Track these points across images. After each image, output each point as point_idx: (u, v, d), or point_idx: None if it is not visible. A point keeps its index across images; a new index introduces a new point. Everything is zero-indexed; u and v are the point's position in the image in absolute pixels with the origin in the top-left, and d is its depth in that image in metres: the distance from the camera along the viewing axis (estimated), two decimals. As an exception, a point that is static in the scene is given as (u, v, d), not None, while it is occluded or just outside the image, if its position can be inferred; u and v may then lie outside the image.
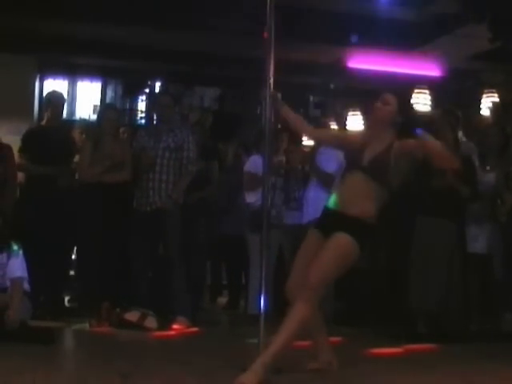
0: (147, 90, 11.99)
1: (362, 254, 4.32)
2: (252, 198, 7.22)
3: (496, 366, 4.87)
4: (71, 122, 10.06)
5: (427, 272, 6.19)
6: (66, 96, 9.46)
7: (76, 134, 7.98)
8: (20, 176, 7.16)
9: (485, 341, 6.01)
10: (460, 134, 7.20)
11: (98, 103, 11.74)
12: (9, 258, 5.64)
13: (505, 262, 6.35)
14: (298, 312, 4.13)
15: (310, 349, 4.60)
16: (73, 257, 7.54)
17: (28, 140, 7.09)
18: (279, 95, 4.70)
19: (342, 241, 4.23)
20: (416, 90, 9.22)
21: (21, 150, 7.03)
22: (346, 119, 9.93)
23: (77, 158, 7.25)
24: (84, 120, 10.58)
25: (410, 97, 4.72)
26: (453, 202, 6.22)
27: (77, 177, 7.17)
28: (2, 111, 9.10)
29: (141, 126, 11.40)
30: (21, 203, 6.92)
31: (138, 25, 8.98)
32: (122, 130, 8.15)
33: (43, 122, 7.46)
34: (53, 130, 7.13)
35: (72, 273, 7.52)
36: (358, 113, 9.82)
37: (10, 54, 9.54)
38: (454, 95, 9.62)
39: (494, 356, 5.31)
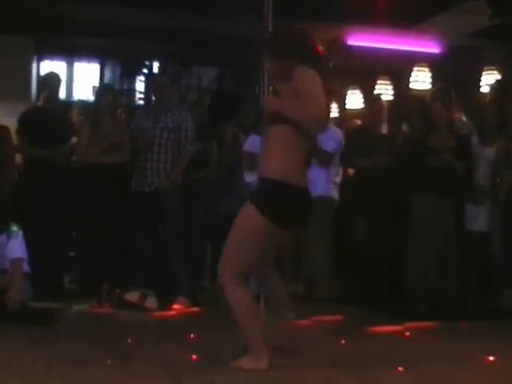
0: (145, 71, 11.93)
1: (287, 217, 3.80)
2: (251, 177, 7.20)
3: (495, 343, 4.87)
4: (69, 104, 10.03)
5: (425, 250, 6.20)
6: (63, 77, 9.42)
7: (74, 115, 7.95)
8: (18, 157, 7.15)
9: (484, 318, 6.02)
10: (459, 113, 7.19)
11: (97, 84, 11.65)
12: (8, 239, 5.63)
13: (504, 239, 6.35)
14: (230, 299, 3.95)
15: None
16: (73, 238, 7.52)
17: (24, 121, 7.07)
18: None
19: (245, 214, 3.90)
20: (415, 68, 9.19)
21: (17, 132, 7.01)
22: (345, 97, 9.89)
23: (75, 139, 7.23)
24: (82, 101, 10.53)
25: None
26: (450, 179, 6.22)
27: (75, 158, 7.15)
28: (-1, 93, 9.09)
29: (139, 106, 11.34)
30: (19, 184, 6.91)
31: (136, 5, 8.94)
32: (119, 110, 8.12)
33: (39, 104, 7.43)
34: (49, 111, 7.11)
35: (72, 254, 7.51)
36: (357, 91, 9.79)
37: (7, 36, 9.50)
38: (454, 73, 9.58)
39: (493, 333, 5.32)
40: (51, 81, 7.26)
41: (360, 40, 9.78)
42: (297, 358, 4.22)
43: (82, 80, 11.99)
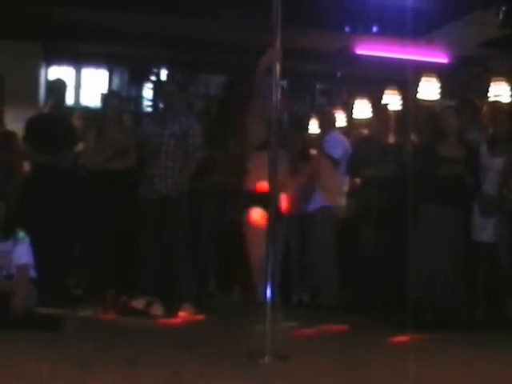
0: (153, 78, 11.95)
1: None
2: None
3: (501, 354, 4.86)
4: (74, 110, 10.05)
5: (433, 259, 6.18)
6: (71, 83, 9.43)
7: (76, 122, 7.94)
8: (25, 164, 7.16)
9: (490, 329, 6.00)
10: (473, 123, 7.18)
11: (105, 91, 11.67)
12: (14, 245, 5.64)
13: (511, 250, 6.33)
14: None
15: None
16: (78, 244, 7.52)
17: (30, 128, 7.07)
18: None
19: None
20: (423, 78, 9.18)
21: (23, 138, 7.02)
22: (352, 107, 9.89)
23: (81, 146, 7.23)
24: (85, 107, 10.55)
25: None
26: (458, 189, 6.21)
27: (81, 163, 7.16)
28: (8, 98, 9.09)
29: (146, 113, 11.37)
30: (26, 190, 6.92)
31: (145, 11, 8.95)
32: (126, 117, 8.12)
33: (45, 110, 7.45)
34: (55, 118, 7.11)
35: (77, 260, 7.51)
36: (365, 100, 9.78)
37: (16, 41, 9.54)
38: (462, 83, 9.57)
39: (498, 343, 5.30)
40: (57, 87, 7.28)
41: (368, 49, 9.77)
42: (302, 366, 4.21)
43: (90, 86, 12.01)
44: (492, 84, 8.80)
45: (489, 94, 8.77)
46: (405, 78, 9.35)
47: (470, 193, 6.38)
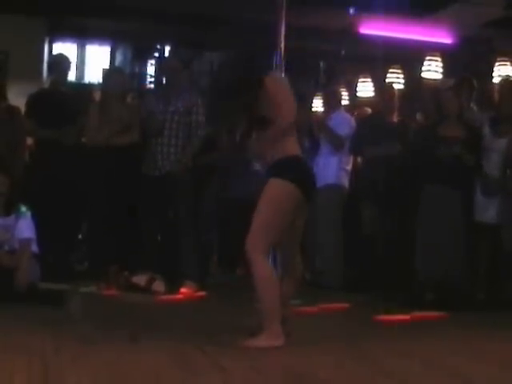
0: (157, 54, 11.92)
1: None
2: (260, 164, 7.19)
3: (503, 334, 4.88)
4: (80, 86, 10.05)
5: (433, 240, 6.19)
6: (74, 60, 9.41)
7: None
8: (29, 139, 7.16)
9: (492, 309, 6.01)
10: (471, 103, 7.15)
11: (108, 67, 11.65)
12: (17, 219, 5.66)
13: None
14: (258, 273, 4.09)
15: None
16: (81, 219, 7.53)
17: (32, 104, 7.06)
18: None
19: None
20: (428, 57, 9.15)
21: (25, 114, 7.01)
22: (356, 86, 9.87)
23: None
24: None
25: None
26: (458, 170, 6.20)
27: (84, 139, 7.16)
28: (11, 74, 9.08)
29: (150, 90, 11.35)
30: (30, 166, 6.93)
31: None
32: (131, 95, 8.10)
33: (47, 86, 7.42)
34: (57, 93, 7.10)
35: (81, 236, 7.53)
36: (369, 79, 9.76)
37: (20, 17, 9.51)
38: (466, 63, 9.54)
39: (501, 324, 5.31)
40: (60, 63, 7.26)
41: (372, 28, 9.73)
42: (304, 343, 4.23)
43: (94, 62, 11.99)
44: (496, 64, 8.77)
45: (493, 75, 8.74)
46: (409, 57, 9.34)
47: (470, 173, 6.36)
